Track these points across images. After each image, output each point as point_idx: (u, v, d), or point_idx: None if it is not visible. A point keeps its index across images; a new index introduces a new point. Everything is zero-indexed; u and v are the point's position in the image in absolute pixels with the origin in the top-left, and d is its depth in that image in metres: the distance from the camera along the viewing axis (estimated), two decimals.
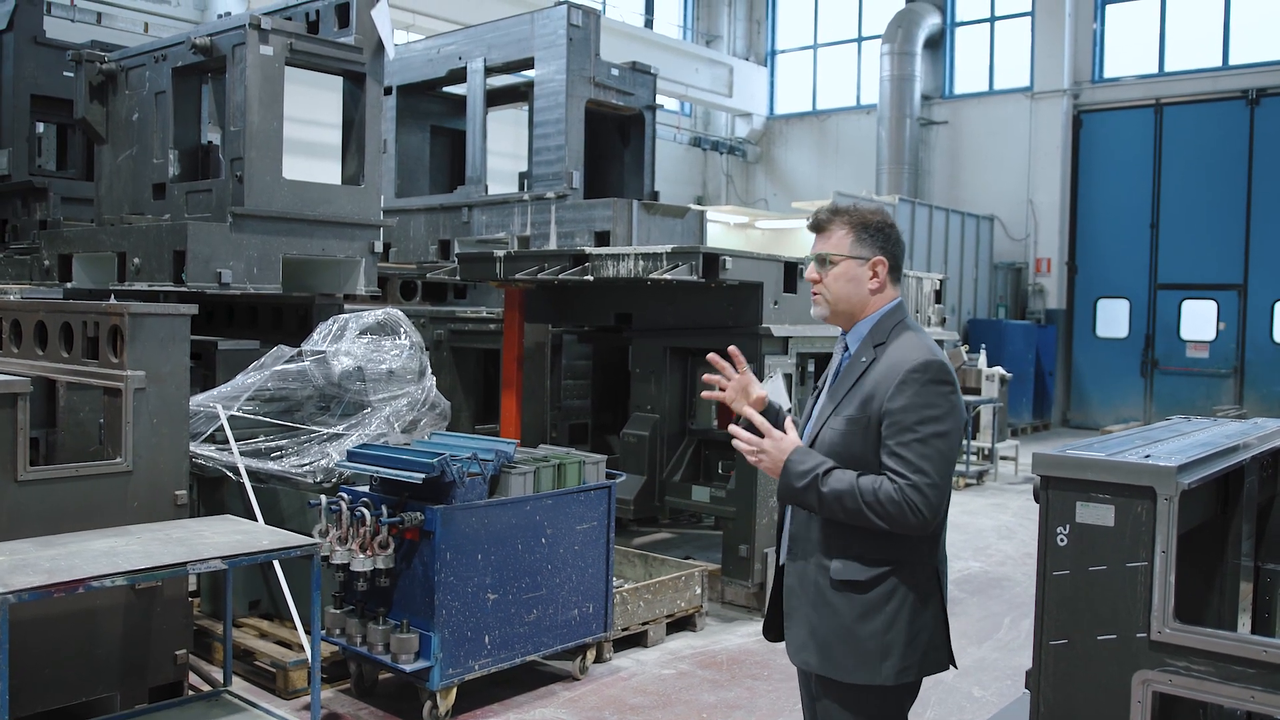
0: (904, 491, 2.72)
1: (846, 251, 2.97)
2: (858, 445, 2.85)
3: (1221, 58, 17.35)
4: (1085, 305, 18.81)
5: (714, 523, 9.24)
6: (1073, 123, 18.61)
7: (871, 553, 2.84)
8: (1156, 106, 17.78)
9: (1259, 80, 16.82)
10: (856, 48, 21.80)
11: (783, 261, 6.99)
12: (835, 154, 21.96)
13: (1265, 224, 16.76)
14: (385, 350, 5.87)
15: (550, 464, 5.43)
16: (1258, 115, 16.84)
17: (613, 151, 10.43)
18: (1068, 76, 18.44)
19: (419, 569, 4.92)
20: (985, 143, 19.66)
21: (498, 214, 9.68)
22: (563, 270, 6.81)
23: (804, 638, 2.93)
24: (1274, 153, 16.69)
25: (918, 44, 19.49)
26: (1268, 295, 16.88)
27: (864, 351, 2.96)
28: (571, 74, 9.09)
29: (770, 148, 23.10)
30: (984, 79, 20.00)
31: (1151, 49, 18.05)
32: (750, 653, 6.24)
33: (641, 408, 7.41)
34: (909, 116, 19.55)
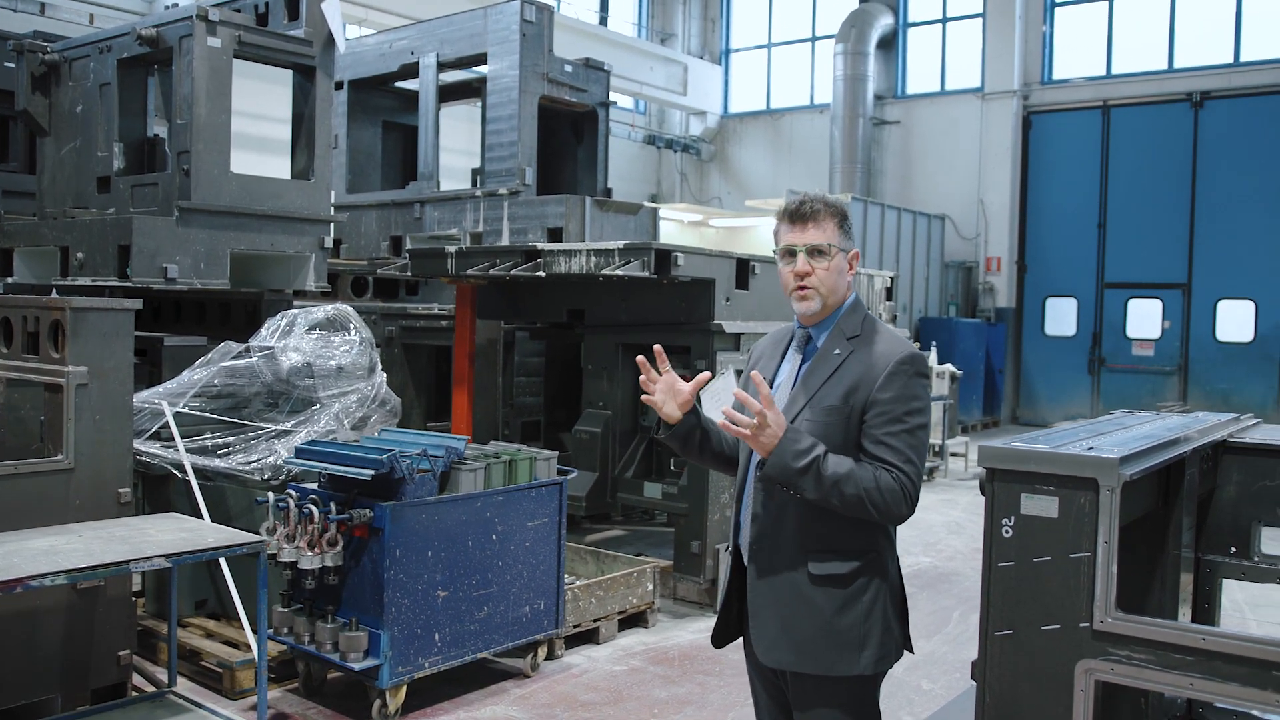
0: (901, 482, 2.73)
1: (838, 243, 2.95)
2: (838, 436, 2.83)
3: (1167, 61, 17.65)
4: (1034, 304, 19.05)
5: (666, 519, 9.26)
6: (1022, 123, 18.85)
7: (849, 545, 2.85)
8: (1104, 108, 18.06)
9: (1203, 83, 17.14)
10: (810, 47, 21.93)
11: (734, 258, 7.01)
12: (789, 153, 22.07)
13: (1208, 224, 17.08)
14: (334, 346, 5.82)
15: (501, 460, 5.41)
16: (1201, 117, 17.15)
17: (566, 148, 10.41)
18: (1018, 78, 18.67)
19: (368, 566, 4.87)
20: (937, 142, 19.85)
21: (450, 210, 9.62)
22: (515, 266, 6.79)
23: (775, 637, 2.89)
24: (1217, 154, 17.02)
25: (871, 44, 19.63)
26: (1210, 294, 17.21)
27: (835, 345, 2.94)
28: (525, 70, 9.05)
29: (724, 146, 23.16)
30: (936, 79, 20.20)
31: (1099, 52, 18.33)
32: (702, 649, 6.25)
33: (594, 404, 7.40)
34: (862, 116, 19.69)
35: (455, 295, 7.82)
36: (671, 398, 3.04)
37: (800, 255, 2.94)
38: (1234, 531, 3.63)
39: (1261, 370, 16.79)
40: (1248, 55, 16.99)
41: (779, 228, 3.04)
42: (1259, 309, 16.84)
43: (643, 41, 21.71)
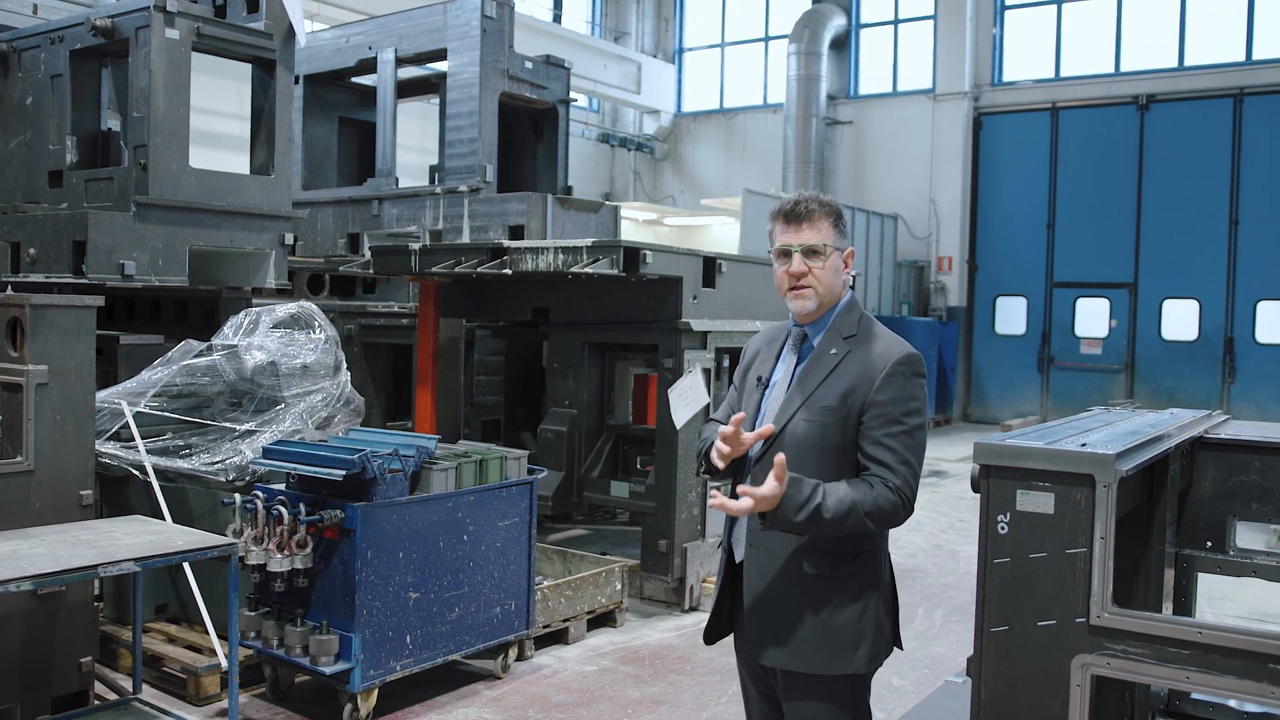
0: (899, 489, 2.73)
1: (834, 242, 2.94)
2: (835, 436, 2.83)
3: (1114, 64, 17.95)
4: (985, 303, 19.29)
5: (628, 518, 9.24)
6: (973, 124, 19.07)
7: (845, 545, 2.84)
8: (1053, 110, 18.33)
9: (1149, 86, 17.45)
10: (763, 47, 22.01)
11: (701, 256, 7.00)
12: (742, 152, 22.14)
13: (1154, 225, 17.40)
14: (299, 344, 5.71)
15: (472, 460, 5.34)
16: (1147, 120, 17.47)
17: (525, 146, 10.33)
18: (968, 79, 18.89)
19: (339, 568, 4.79)
20: (889, 143, 20.02)
21: (408, 207, 9.50)
22: (480, 264, 6.72)
23: (770, 634, 2.89)
24: (1162, 157, 17.34)
25: (824, 44, 19.74)
26: (1156, 293, 17.53)
27: (831, 344, 2.93)
28: (485, 66, 8.97)
29: (678, 145, 23.18)
30: (888, 80, 20.37)
31: (1048, 54, 18.60)
32: (672, 648, 6.23)
33: (559, 403, 7.35)
34: (815, 116, 19.79)
35: (418, 293, 7.72)
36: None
37: (796, 255, 2.93)
38: (1210, 526, 3.68)
39: (1205, 368, 17.14)
40: (1192, 60, 17.33)
41: (773, 228, 3.02)
42: (1202, 308, 17.18)
43: (596, 40, 21.66)
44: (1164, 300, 17.51)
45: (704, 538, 7.04)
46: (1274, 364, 16.59)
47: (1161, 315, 17.56)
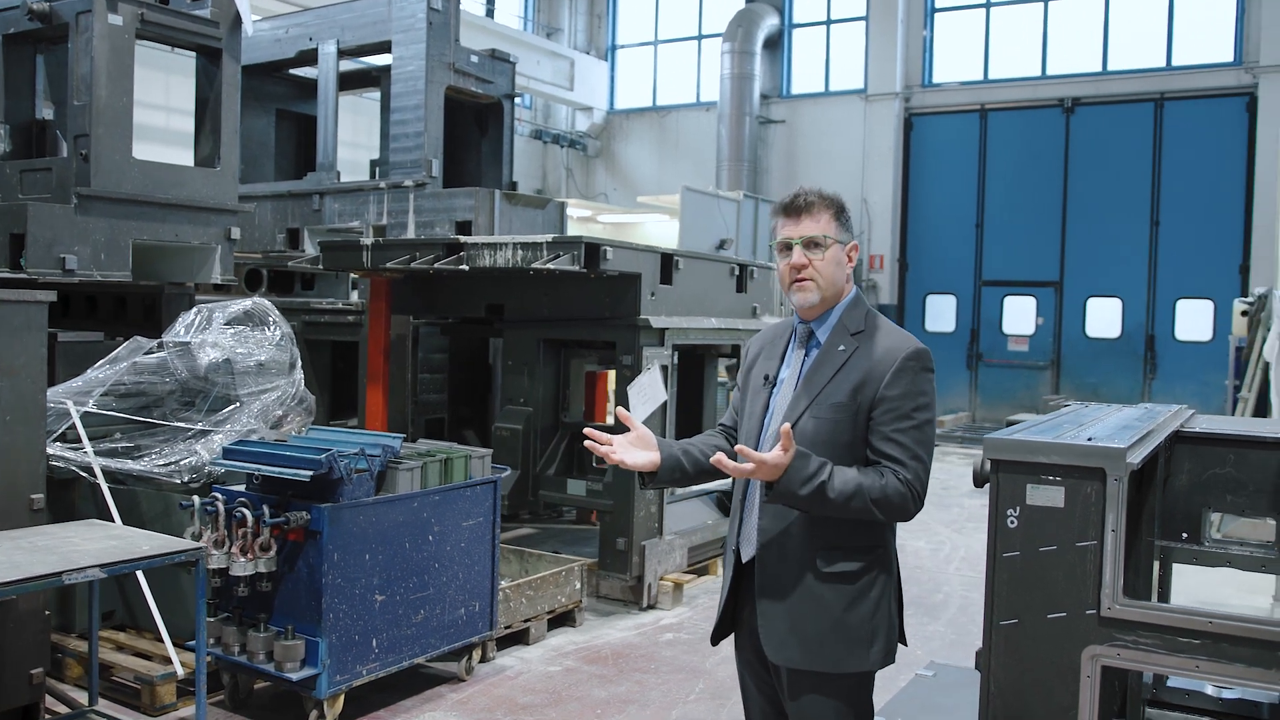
0: (909, 482, 2.74)
1: (835, 235, 2.92)
2: (846, 433, 2.82)
3: (1040, 68, 18.34)
4: (915, 301, 19.57)
5: (576, 516, 9.17)
6: (904, 125, 19.33)
7: (858, 541, 2.84)
8: (981, 112, 18.66)
9: (1074, 90, 17.86)
10: (697, 45, 22.05)
11: (659, 253, 6.97)
12: (675, 150, 22.16)
13: (1079, 225, 17.81)
14: (254, 341, 5.55)
15: (437, 459, 5.24)
16: (1073, 123, 17.87)
17: (469, 140, 10.19)
18: (900, 80, 19.14)
19: (304, 571, 4.66)
20: (821, 142, 20.20)
21: (351, 202, 9.31)
22: (437, 259, 6.60)
23: (784, 635, 2.86)
24: (1087, 159, 17.76)
25: (757, 44, 19.85)
26: (1081, 292, 17.95)
27: (839, 340, 2.92)
28: (431, 59, 8.82)
29: (611, 142, 23.12)
30: (820, 80, 20.55)
31: (977, 57, 18.93)
32: (633, 646, 6.20)
33: (514, 400, 7.26)
34: (748, 115, 19.89)
35: (369, 289, 7.56)
36: (639, 447, 2.95)
37: (796, 248, 2.92)
38: (1186, 518, 3.75)
39: (1127, 365, 17.60)
40: (1115, 64, 17.77)
41: (775, 222, 3.02)
42: (1125, 306, 17.64)
43: (529, 35, 21.50)
44: (1088, 298, 17.93)
45: (661, 535, 7.01)
46: (1192, 360, 17.09)
47: (1086, 313, 17.99)
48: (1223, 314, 16.65)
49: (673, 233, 18.38)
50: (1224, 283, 16.73)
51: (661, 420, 6.90)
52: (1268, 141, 16.01)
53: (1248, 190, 16.48)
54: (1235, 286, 16.49)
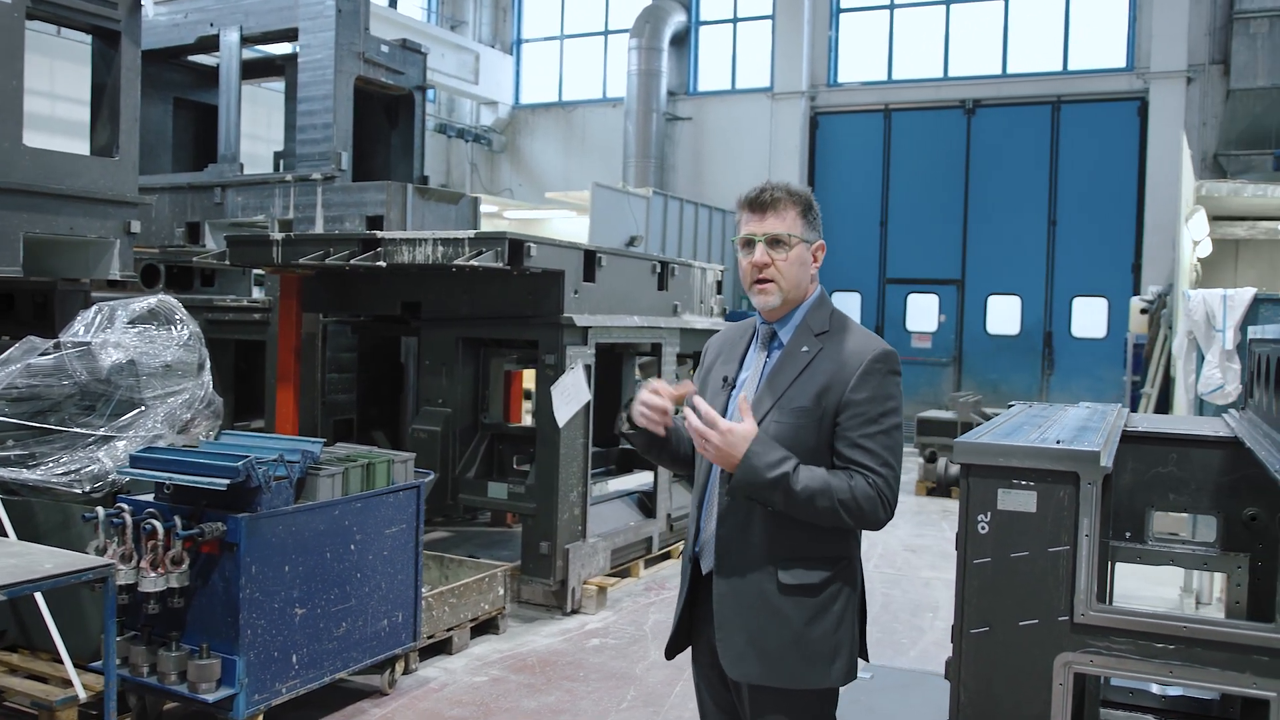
0: (878, 488, 2.61)
1: (800, 233, 2.80)
2: (810, 438, 2.69)
3: (943, 69, 18.66)
4: None
5: (491, 518, 8.97)
6: (810, 124, 19.49)
7: (820, 554, 2.71)
8: (886, 112, 18.91)
9: (975, 92, 18.21)
10: (603, 41, 21.91)
11: (582, 249, 6.83)
12: (582, 146, 21.99)
13: (980, 225, 18.17)
14: (160, 341, 5.23)
15: (358, 464, 5.02)
16: (974, 124, 18.23)
17: (379, 133, 9.90)
18: (806, 79, 19.28)
19: (219, 586, 4.40)
20: (728, 140, 20.24)
21: (255, 195, 8.95)
22: (352, 255, 6.34)
23: (742, 649, 2.72)
24: (987, 160, 18.13)
25: (664, 40, 19.80)
26: (982, 290, 18.32)
27: (803, 341, 2.79)
28: (340, 48, 8.52)
29: (516, 137, 22.84)
30: (727, 78, 20.60)
31: (881, 58, 19.18)
32: (560, 653, 6.04)
33: (432, 401, 7.03)
34: (655, 111, 19.83)
35: (279, 286, 7.25)
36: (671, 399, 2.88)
37: (759, 245, 2.80)
38: (1130, 517, 3.75)
39: (1026, 361, 18.03)
40: (1014, 67, 18.17)
41: (740, 217, 2.91)
42: (1024, 304, 18.06)
43: (433, 27, 21.09)
44: (989, 296, 18.31)
45: (585, 538, 6.87)
46: (1087, 357, 17.59)
47: (987, 311, 18.37)
48: (1116, 312, 17.16)
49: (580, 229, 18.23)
50: (1117, 281, 17.25)
51: (585, 421, 6.76)
52: (1158, 145, 16.54)
53: (1139, 192, 17.01)
54: (1128, 285, 17.02)
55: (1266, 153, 15.96)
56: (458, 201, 9.25)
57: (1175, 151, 16.01)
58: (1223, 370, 7.09)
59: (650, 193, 16.79)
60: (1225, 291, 7.16)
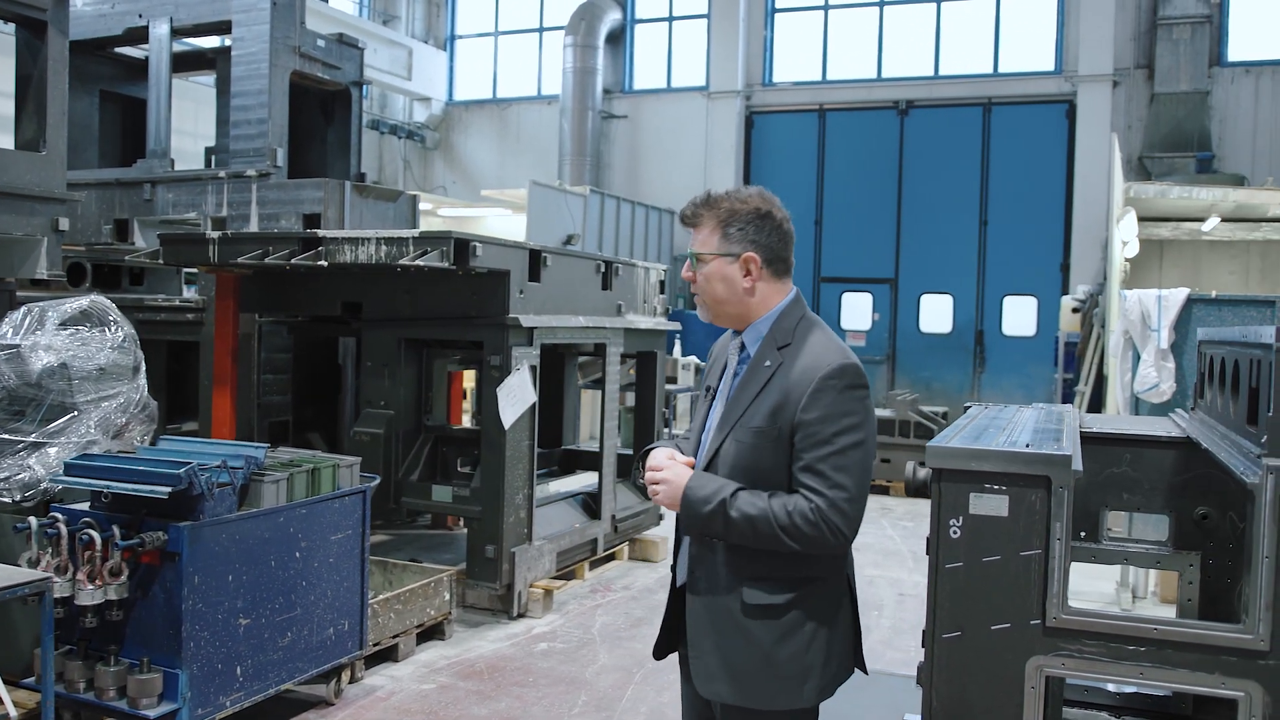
0: (821, 512, 2.49)
1: (714, 249, 2.71)
2: (768, 459, 2.60)
3: (876, 70, 18.86)
4: None
5: (431, 521, 8.85)
6: (745, 123, 19.56)
7: (785, 573, 2.61)
8: (820, 112, 19.05)
9: (908, 93, 18.44)
10: (538, 38, 21.77)
11: (527, 249, 6.74)
12: (517, 143, 21.84)
13: (913, 224, 18.40)
14: (93, 343, 5.04)
15: (303, 469, 4.89)
16: (907, 125, 18.45)
17: (314, 129, 9.69)
18: (741, 79, 19.34)
19: (160, 597, 4.25)
20: (664, 138, 20.24)
21: (187, 192, 8.70)
22: (293, 255, 6.18)
23: (714, 668, 2.66)
24: (920, 160, 18.36)
25: (600, 38, 19.74)
26: (914, 289, 18.55)
27: (766, 355, 2.68)
28: (276, 42, 8.31)
29: (449, 134, 22.60)
30: (663, 76, 20.60)
31: (816, 58, 19.33)
32: (508, 659, 5.96)
33: (374, 403, 6.89)
34: (591, 109, 19.76)
35: (215, 286, 7.05)
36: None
37: (687, 262, 2.78)
38: (1084, 516, 3.78)
39: (958, 359, 18.30)
40: (946, 69, 18.44)
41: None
42: (956, 302, 18.33)
43: (365, 21, 20.77)
44: (921, 295, 18.54)
45: (531, 541, 6.79)
46: (1018, 354, 17.90)
47: (919, 309, 18.61)
48: (1046, 310, 17.50)
49: (515, 227, 18.10)
50: (1047, 280, 17.59)
51: (530, 422, 6.68)
52: (1086, 147, 16.90)
53: (1068, 193, 17.36)
54: (1057, 284, 17.36)
55: (1189, 155, 16.40)
56: (396, 199, 9.09)
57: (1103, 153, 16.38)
58: (1158, 369, 7.24)
59: (587, 191, 16.72)
60: (1160, 292, 7.31)
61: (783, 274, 2.77)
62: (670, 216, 19.55)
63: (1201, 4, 16.58)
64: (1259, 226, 13.84)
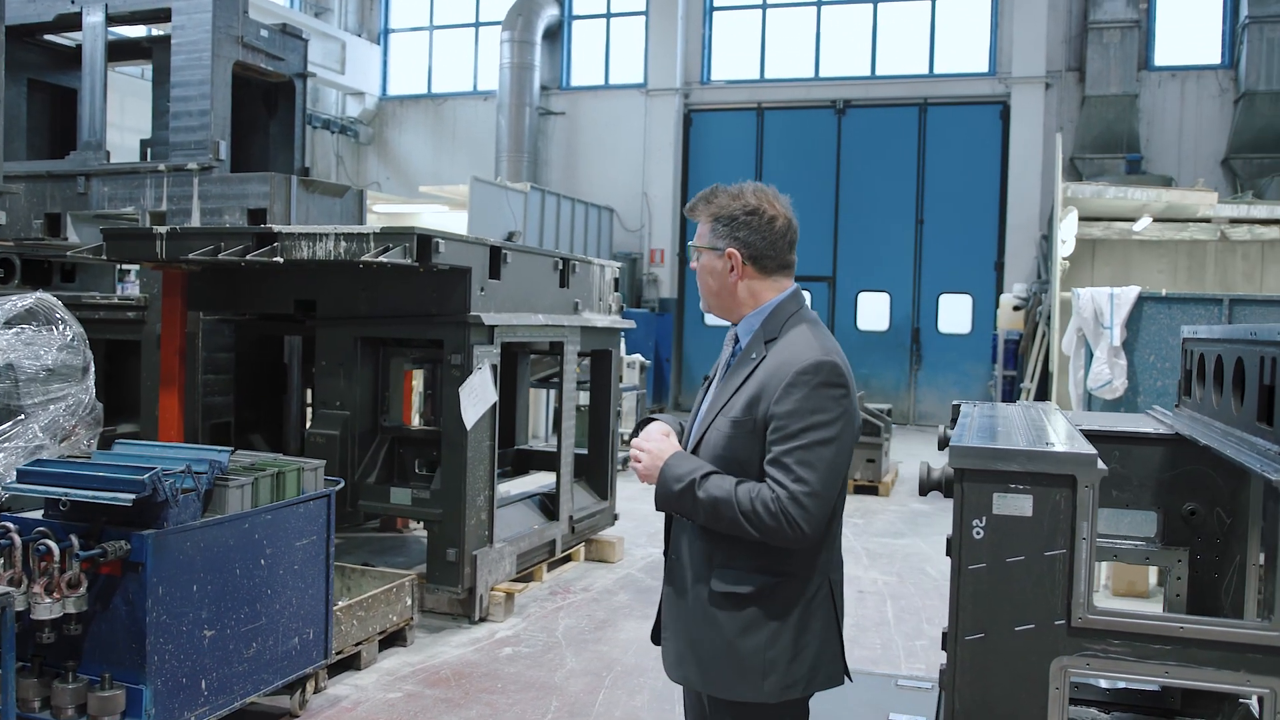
0: (781, 503, 2.50)
1: (705, 243, 2.78)
2: (743, 450, 2.63)
3: (814, 69, 18.98)
4: (695, 295, 19.74)
5: (381, 523, 8.66)
6: (684, 120, 19.56)
7: (754, 564, 2.63)
8: (758, 110, 19.12)
9: (845, 92, 18.59)
10: (474, 33, 21.52)
11: (488, 245, 6.60)
12: (452, 139, 21.58)
13: (850, 223, 18.58)
14: (41, 343, 4.81)
15: (268, 473, 4.71)
16: (844, 124, 18.61)
17: (256, 122, 9.41)
18: (679, 76, 19.34)
19: (122, 609, 4.06)
20: (602, 135, 20.16)
21: (124, 185, 8.37)
22: (247, 251, 5.97)
23: (682, 651, 2.75)
24: (858, 159, 18.54)
25: (537, 33, 19.58)
26: (852, 287, 18.74)
27: (754, 347, 2.73)
28: (218, 31, 8.04)
29: (383, 129, 22.26)
30: (601, 73, 20.51)
31: (754, 57, 19.39)
32: (473, 665, 5.83)
33: (329, 404, 6.69)
34: (528, 105, 19.60)
35: (162, 283, 6.79)
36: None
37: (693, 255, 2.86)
38: None
39: (895, 356, 18.51)
40: (883, 69, 18.63)
41: None
42: (893, 300, 18.55)
43: (296, 13, 20.33)
44: (859, 293, 18.74)
45: (492, 543, 6.66)
46: (953, 352, 18.17)
47: (857, 307, 18.79)
48: (981, 308, 17.77)
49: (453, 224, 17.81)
50: (982, 279, 17.87)
51: (491, 422, 6.55)
52: (1020, 147, 17.20)
53: (1002, 193, 17.66)
54: (992, 282, 17.65)
55: (1118, 157, 16.78)
56: (343, 195, 8.86)
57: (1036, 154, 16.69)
58: (1110, 366, 7.35)
59: (528, 187, 16.57)
60: (1112, 290, 7.42)
61: (774, 270, 2.78)
62: (610, 214, 19.48)
63: (1131, 9, 16.97)
64: (1186, 227, 14.20)
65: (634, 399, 13.12)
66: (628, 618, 6.76)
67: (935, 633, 6.65)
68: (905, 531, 9.52)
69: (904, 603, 7.37)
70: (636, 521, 9.73)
